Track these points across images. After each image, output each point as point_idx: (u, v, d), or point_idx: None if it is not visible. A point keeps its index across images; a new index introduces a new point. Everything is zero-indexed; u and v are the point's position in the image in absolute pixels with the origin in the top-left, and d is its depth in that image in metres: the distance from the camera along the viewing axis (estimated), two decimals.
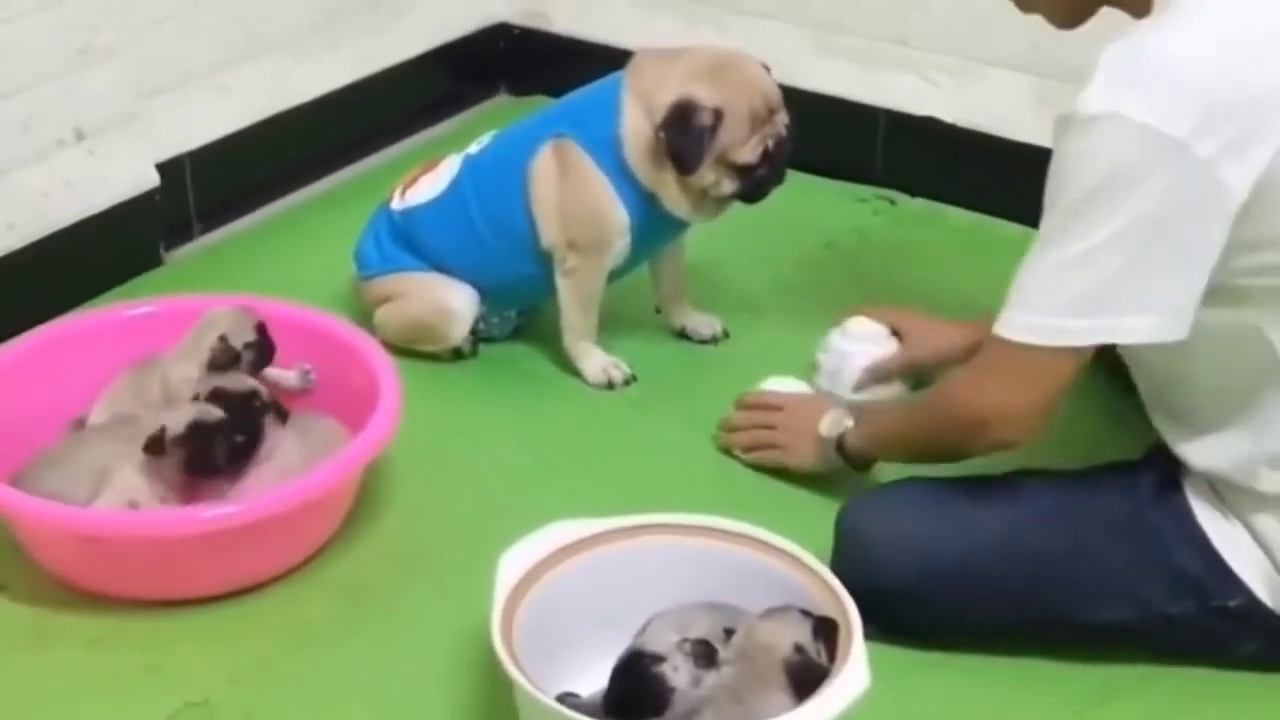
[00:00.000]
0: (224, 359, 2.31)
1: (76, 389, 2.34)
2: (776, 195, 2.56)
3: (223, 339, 2.32)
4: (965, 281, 2.90)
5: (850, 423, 2.21)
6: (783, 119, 2.48)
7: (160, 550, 2.08)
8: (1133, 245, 1.78)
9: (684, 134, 2.40)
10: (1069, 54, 2.95)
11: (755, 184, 2.49)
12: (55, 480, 2.15)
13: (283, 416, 2.25)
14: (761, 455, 2.36)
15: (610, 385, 2.58)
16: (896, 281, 2.90)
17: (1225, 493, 1.95)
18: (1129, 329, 1.83)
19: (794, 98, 3.01)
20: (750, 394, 2.43)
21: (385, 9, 3.32)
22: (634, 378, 2.59)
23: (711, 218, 2.56)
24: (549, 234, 2.52)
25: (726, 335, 2.72)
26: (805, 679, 1.74)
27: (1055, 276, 1.84)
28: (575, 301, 2.57)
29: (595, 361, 2.60)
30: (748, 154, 2.45)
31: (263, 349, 2.35)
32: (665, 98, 2.42)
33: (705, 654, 1.81)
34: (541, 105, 2.77)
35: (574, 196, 2.49)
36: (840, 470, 2.25)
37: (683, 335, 2.72)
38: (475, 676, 1.99)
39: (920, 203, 3.18)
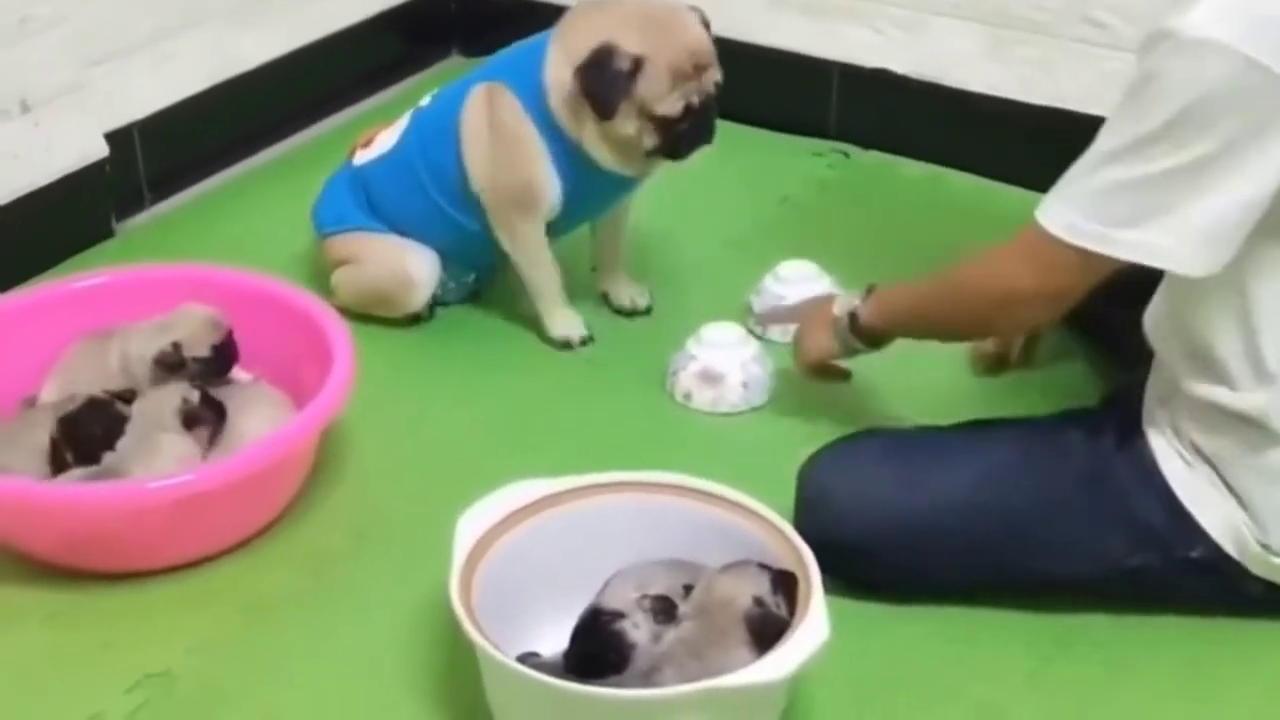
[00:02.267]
0: (170, 363, 2.29)
1: (29, 363, 2.32)
2: (730, 150, 2.55)
3: (175, 346, 2.29)
4: (920, 232, 2.90)
5: (858, 300, 2.20)
6: (712, 77, 2.43)
7: (117, 522, 2.07)
8: (1202, 174, 1.75)
9: (599, 77, 2.37)
10: (1018, 3, 2.97)
11: (677, 139, 2.44)
12: (4, 456, 2.14)
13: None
14: (797, 363, 2.35)
15: (568, 345, 2.57)
16: (852, 234, 2.89)
17: (1205, 443, 1.94)
18: (1170, 255, 1.80)
19: (747, 53, 3.01)
20: None
21: None
22: (591, 339, 2.58)
23: (640, 172, 2.53)
24: (478, 179, 2.50)
25: (648, 311, 2.68)
26: (765, 632, 1.75)
27: (1113, 187, 1.81)
28: (525, 262, 2.56)
29: (558, 320, 2.58)
30: (667, 107, 2.39)
31: (213, 366, 2.31)
32: (589, 44, 2.39)
33: (665, 610, 1.81)
34: None
35: (501, 141, 2.47)
36: (857, 351, 2.24)
37: (605, 301, 2.70)
38: (437, 640, 1.98)
39: (874, 155, 3.17)
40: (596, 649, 1.79)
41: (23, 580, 2.10)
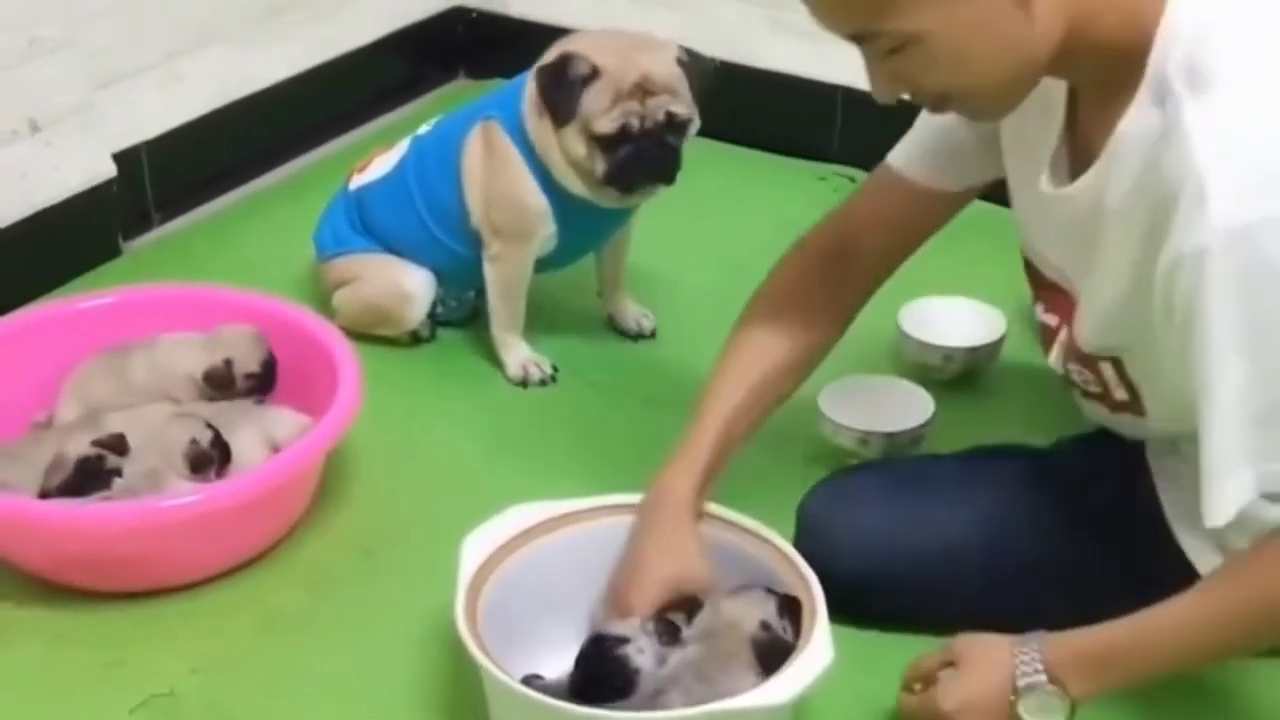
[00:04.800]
0: (222, 382, 2.30)
1: (36, 382, 2.33)
2: (734, 174, 2.55)
3: (228, 363, 2.31)
4: (928, 258, 2.88)
5: (1050, 685, 1.73)
6: (662, 104, 2.37)
7: (122, 542, 2.07)
8: None
9: (556, 81, 2.37)
10: None
11: (620, 165, 2.38)
12: (5, 471, 2.15)
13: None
14: None
15: (524, 383, 2.56)
16: None
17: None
18: None
19: (750, 76, 3.01)
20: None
21: None
22: (554, 378, 2.56)
23: (618, 203, 2.49)
24: (476, 216, 2.52)
25: (653, 334, 2.68)
26: (772, 656, 1.75)
27: None
28: (499, 289, 2.55)
29: (515, 355, 2.57)
30: (604, 124, 2.35)
31: (262, 383, 2.34)
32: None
33: (669, 632, 1.81)
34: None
35: (496, 180, 2.48)
36: None
37: (610, 324, 2.70)
38: (441, 661, 1.98)
39: None
40: (601, 673, 1.79)
41: (26, 599, 2.10)
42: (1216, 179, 1.55)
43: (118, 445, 2.16)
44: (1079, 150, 1.76)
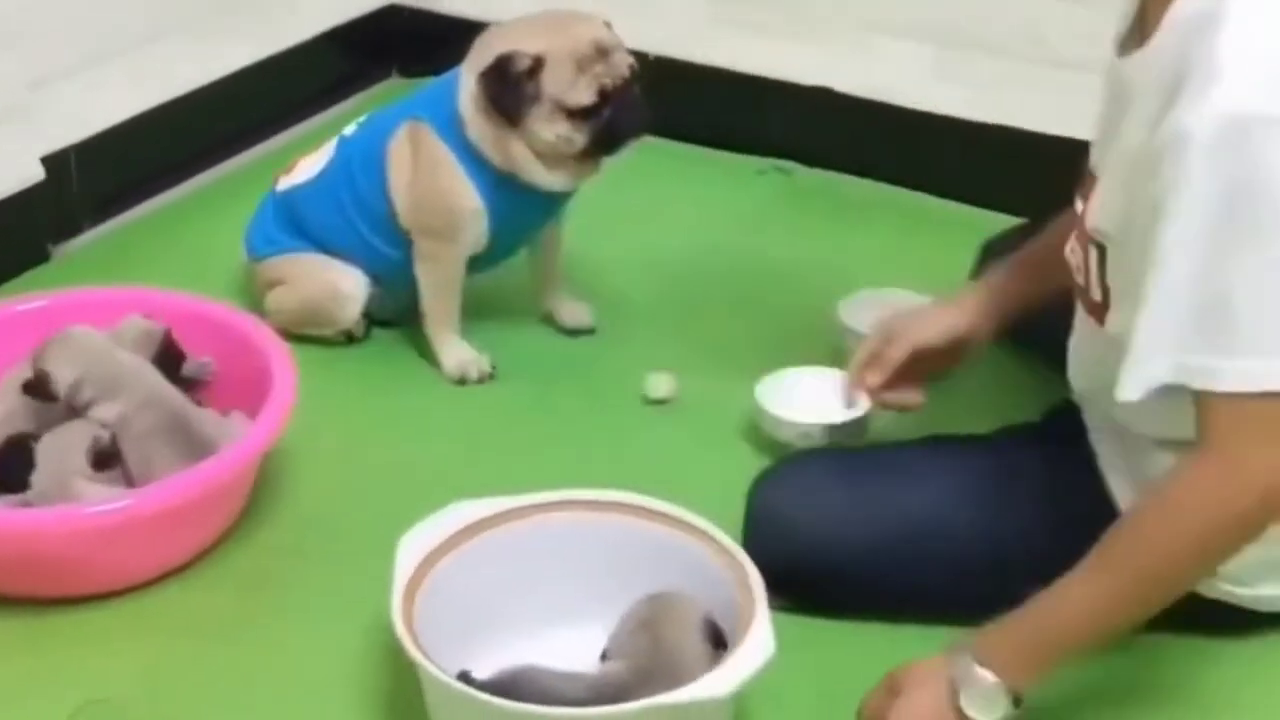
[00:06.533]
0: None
1: None
2: (672, 169, 2.53)
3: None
4: (868, 252, 2.90)
5: (992, 678, 1.72)
6: (623, 60, 2.39)
7: (50, 547, 2.04)
8: None
9: (500, 83, 2.36)
10: (965, 21, 2.99)
11: (606, 129, 2.38)
12: None
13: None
14: None
15: (463, 381, 2.54)
16: (797, 255, 2.89)
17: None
18: None
19: (688, 71, 3.01)
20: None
21: None
22: (492, 376, 2.54)
23: (576, 181, 2.49)
24: (404, 217, 2.50)
25: (592, 331, 2.67)
26: None
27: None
28: (431, 289, 2.54)
29: (453, 354, 2.55)
30: (581, 95, 2.35)
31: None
32: (489, 59, 2.38)
33: None
34: None
35: (424, 180, 2.46)
36: None
37: (549, 321, 2.69)
38: (382, 660, 1.97)
39: (817, 174, 3.17)
40: None
41: None
42: (1231, 68, 1.58)
43: (44, 386, 2.16)
44: (1145, 27, 1.77)
